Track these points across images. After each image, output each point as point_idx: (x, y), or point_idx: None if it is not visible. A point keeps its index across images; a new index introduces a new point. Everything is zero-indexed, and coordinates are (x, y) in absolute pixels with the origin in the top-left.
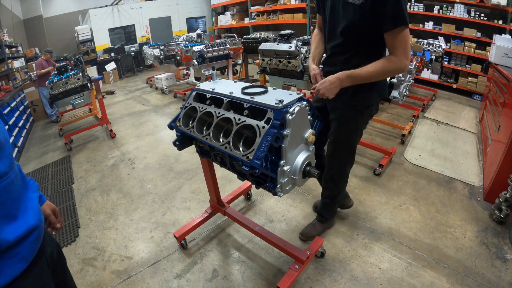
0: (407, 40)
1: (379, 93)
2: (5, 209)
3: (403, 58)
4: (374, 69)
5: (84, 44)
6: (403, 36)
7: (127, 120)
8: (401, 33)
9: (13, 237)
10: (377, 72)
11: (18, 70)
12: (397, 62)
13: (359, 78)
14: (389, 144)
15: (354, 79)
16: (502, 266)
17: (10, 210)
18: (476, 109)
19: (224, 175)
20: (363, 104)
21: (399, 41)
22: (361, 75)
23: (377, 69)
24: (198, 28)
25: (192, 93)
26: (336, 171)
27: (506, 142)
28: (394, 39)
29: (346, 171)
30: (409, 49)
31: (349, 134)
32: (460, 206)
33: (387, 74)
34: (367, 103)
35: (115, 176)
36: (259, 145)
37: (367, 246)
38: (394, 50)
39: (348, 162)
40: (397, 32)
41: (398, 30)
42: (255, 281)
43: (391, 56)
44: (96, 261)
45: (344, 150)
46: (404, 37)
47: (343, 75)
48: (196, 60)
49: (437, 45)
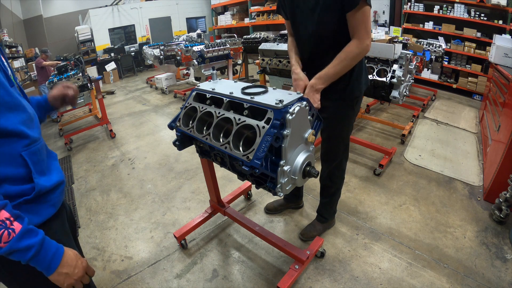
0: (367, 18)
1: (365, 81)
2: (40, 166)
3: (365, 38)
4: (339, 61)
5: (84, 44)
6: (364, 13)
7: (127, 120)
8: (361, 10)
9: (49, 184)
10: (343, 63)
11: (18, 70)
12: (359, 45)
13: (329, 75)
14: (389, 144)
15: (326, 79)
16: (502, 266)
17: (42, 167)
18: (476, 109)
19: (224, 175)
20: (354, 97)
21: (361, 20)
22: (329, 72)
23: (342, 61)
24: (198, 28)
25: (192, 93)
26: (333, 168)
27: (506, 142)
28: (356, 18)
29: (343, 167)
30: (370, 27)
31: (342, 129)
32: (460, 206)
33: (353, 61)
34: (357, 93)
35: (115, 176)
36: (259, 145)
37: (367, 246)
38: (355, 31)
39: (344, 156)
40: (357, 10)
41: (359, 7)
42: (255, 281)
43: (352, 40)
44: (96, 261)
45: (340, 146)
46: (365, 14)
47: (313, 81)
48: (196, 60)
49: (437, 45)
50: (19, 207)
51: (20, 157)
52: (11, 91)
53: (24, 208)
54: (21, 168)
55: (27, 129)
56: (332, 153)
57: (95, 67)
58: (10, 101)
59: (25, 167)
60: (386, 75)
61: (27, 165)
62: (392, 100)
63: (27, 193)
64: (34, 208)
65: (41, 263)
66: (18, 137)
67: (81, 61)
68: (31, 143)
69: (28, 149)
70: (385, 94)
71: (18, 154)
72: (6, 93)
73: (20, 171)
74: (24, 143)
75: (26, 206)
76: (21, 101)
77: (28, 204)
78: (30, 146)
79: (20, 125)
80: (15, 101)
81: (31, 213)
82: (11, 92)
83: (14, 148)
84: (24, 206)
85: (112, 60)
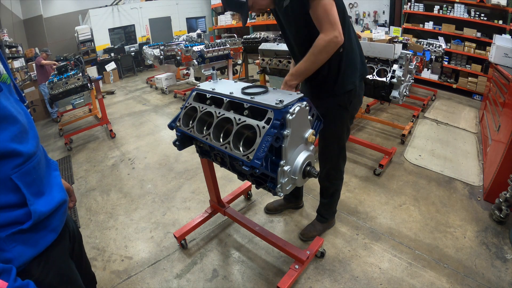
0: (329, 11)
1: (360, 74)
2: (36, 186)
3: (330, 30)
4: (308, 57)
5: (84, 44)
6: (323, 7)
7: (127, 120)
8: (319, 4)
9: (49, 209)
10: (311, 58)
11: (18, 70)
12: (325, 37)
13: (300, 71)
14: (389, 144)
15: (297, 75)
16: (502, 266)
17: (39, 187)
18: (476, 109)
19: (224, 175)
20: (346, 91)
21: (321, 14)
22: (300, 68)
23: (310, 56)
24: (198, 28)
25: (192, 93)
26: (330, 168)
27: (506, 142)
28: (316, 12)
29: (340, 167)
30: (334, 19)
31: (336, 129)
32: (460, 206)
33: (322, 54)
34: (349, 86)
35: (115, 176)
36: (259, 145)
37: (367, 246)
38: (320, 25)
39: (341, 157)
40: (316, 5)
41: (315, 2)
42: (255, 281)
43: (319, 35)
44: (96, 261)
45: (334, 147)
46: (325, 8)
47: (287, 77)
48: (196, 60)
49: (437, 45)
50: (11, 237)
51: (10, 181)
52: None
53: (18, 238)
54: (12, 194)
55: (18, 145)
56: (327, 154)
57: (95, 67)
58: None
59: (17, 191)
60: (386, 75)
61: (19, 190)
62: (392, 100)
63: (21, 220)
64: (30, 238)
65: None
66: (7, 158)
67: (81, 61)
68: (24, 162)
69: (20, 170)
70: (385, 94)
71: (7, 178)
72: None
73: (11, 197)
74: (16, 162)
75: (21, 236)
76: (10, 111)
77: (24, 234)
78: (22, 165)
79: (9, 143)
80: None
81: (27, 244)
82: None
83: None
84: (18, 236)
85: (112, 60)
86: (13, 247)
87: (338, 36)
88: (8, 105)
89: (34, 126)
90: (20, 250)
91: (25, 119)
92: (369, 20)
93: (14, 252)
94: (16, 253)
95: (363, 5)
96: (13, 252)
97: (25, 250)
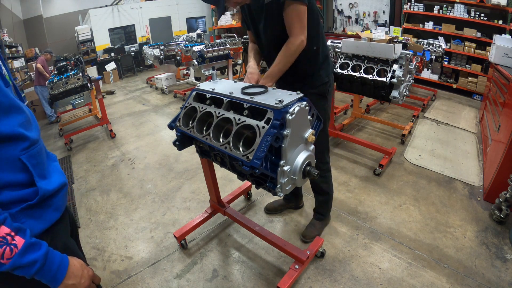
0: (301, 17)
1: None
2: (40, 169)
3: (300, 34)
4: (279, 60)
5: (84, 44)
6: (295, 11)
7: (127, 120)
8: (291, 8)
9: (52, 188)
10: (283, 61)
11: (18, 70)
12: (294, 41)
13: (274, 73)
14: (389, 144)
15: (272, 77)
16: (502, 266)
17: (42, 171)
18: (476, 109)
19: (224, 175)
20: (323, 83)
21: (293, 17)
22: (274, 70)
23: (281, 59)
24: (198, 28)
25: (192, 93)
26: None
27: (506, 142)
28: (288, 16)
29: (326, 159)
30: (304, 24)
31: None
32: (460, 206)
33: (293, 56)
34: (325, 79)
35: (115, 176)
36: (259, 145)
37: (367, 246)
38: (289, 29)
39: (325, 147)
40: (288, 9)
41: (288, 6)
42: (255, 281)
43: (290, 39)
44: (96, 261)
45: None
46: (297, 12)
47: (262, 80)
48: (196, 60)
49: (437, 45)
50: (22, 213)
51: (19, 161)
52: (6, 91)
53: (27, 213)
54: (21, 173)
55: (25, 131)
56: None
57: (95, 67)
58: (6, 102)
59: (25, 171)
60: (386, 75)
61: (27, 169)
62: (392, 100)
63: (29, 198)
64: (38, 213)
65: (46, 276)
66: (16, 140)
67: (81, 61)
68: (30, 146)
69: (27, 152)
70: (385, 94)
71: (16, 158)
72: (2, 95)
73: (20, 176)
74: (23, 146)
75: (29, 211)
76: (18, 102)
77: (32, 209)
78: (29, 148)
79: (18, 128)
80: (12, 102)
81: (35, 218)
82: (7, 92)
83: (12, 152)
84: (27, 212)
85: (112, 60)
86: (24, 222)
87: (304, 40)
88: (14, 97)
89: (35, 119)
90: (31, 224)
91: (29, 112)
92: (369, 20)
93: (26, 226)
94: (28, 226)
95: (363, 5)
96: (25, 225)
97: (35, 224)
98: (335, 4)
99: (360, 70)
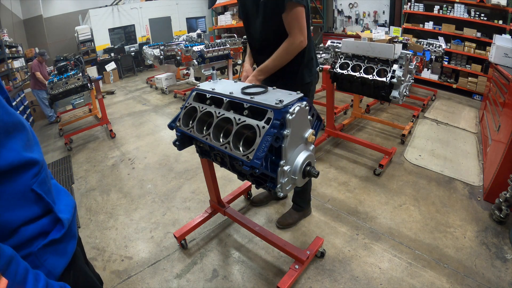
0: (299, 18)
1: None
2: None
3: (298, 35)
4: (276, 56)
5: (84, 44)
6: (295, 13)
7: (127, 120)
8: (292, 10)
9: (70, 215)
10: (280, 58)
11: (18, 70)
12: (293, 42)
13: (269, 68)
14: (389, 144)
15: (265, 71)
16: (502, 266)
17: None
18: (476, 109)
19: (224, 175)
20: (305, 83)
21: (292, 19)
22: (269, 65)
23: (278, 56)
24: (198, 28)
25: (192, 93)
26: None
27: (506, 142)
28: (288, 17)
29: None
30: (304, 25)
31: None
32: (460, 206)
33: (289, 55)
34: (307, 79)
35: (115, 176)
36: (259, 145)
37: (367, 246)
38: (289, 29)
39: None
40: (289, 11)
41: (289, 8)
42: (255, 281)
43: (288, 38)
44: (96, 261)
45: None
46: (296, 14)
47: (255, 72)
48: (196, 60)
49: (437, 45)
50: (44, 250)
51: (31, 192)
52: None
53: (50, 250)
54: (35, 205)
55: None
56: None
57: (95, 67)
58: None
59: (39, 201)
60: (386, 75)
61: (41, 198)
62: (392, 100)
63: (48, 228)
64: (60, 248)
65: None
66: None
67: (81, 61)
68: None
69: (37, 179)
70: (385, 94)
71: (29, 189)
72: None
73: (35, 208)
74: (33, 172)
75: (52, 247)
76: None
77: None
78: (39, 174)
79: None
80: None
81: (58, 254)
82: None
83: (24, 183)
84: (50, 248)
85: (112, 60)
86: (44, 260)
87: (303, 41)
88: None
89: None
90: (52, 262)
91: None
92: (369, 20)
93: (47, 266)
94: (50, 266)
95: (363, 5)
96: (46, 266)
97: (57, 261)
98: (335, 4)
99: (360, 70)
